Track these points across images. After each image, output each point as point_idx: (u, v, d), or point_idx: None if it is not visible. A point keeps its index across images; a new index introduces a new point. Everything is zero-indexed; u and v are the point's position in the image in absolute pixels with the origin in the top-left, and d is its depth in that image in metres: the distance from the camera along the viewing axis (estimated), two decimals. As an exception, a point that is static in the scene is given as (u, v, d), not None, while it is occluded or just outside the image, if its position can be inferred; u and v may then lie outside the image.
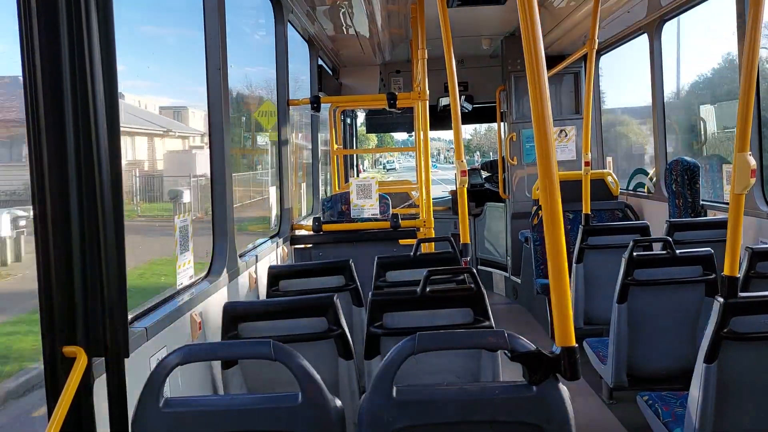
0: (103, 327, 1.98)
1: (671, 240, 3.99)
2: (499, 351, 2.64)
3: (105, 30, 1.97)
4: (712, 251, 3.98)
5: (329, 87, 8.15)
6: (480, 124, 45.15)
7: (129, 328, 2.09)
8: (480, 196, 9.73)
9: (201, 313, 3.04)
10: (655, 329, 4.09)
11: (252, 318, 2.91)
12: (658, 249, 4.19)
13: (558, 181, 1.84)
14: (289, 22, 5.44)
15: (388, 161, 66.51)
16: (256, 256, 4.20)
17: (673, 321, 4.07)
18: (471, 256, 4.56)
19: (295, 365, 1.93)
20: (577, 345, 1.85)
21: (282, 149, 5.45)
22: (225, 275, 3.47)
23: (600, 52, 7.78)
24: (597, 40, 5.13)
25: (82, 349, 1.94)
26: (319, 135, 7.83)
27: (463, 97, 9.09)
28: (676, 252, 3.94)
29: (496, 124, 8.75)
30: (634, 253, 3.99)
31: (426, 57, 4.88)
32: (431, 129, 5.63)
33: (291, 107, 5.51)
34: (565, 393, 1.88)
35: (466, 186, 4.15)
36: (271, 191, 5.41)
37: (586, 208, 5.41)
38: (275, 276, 3.74)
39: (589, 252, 5.20)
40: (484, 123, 16.67)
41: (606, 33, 6.99)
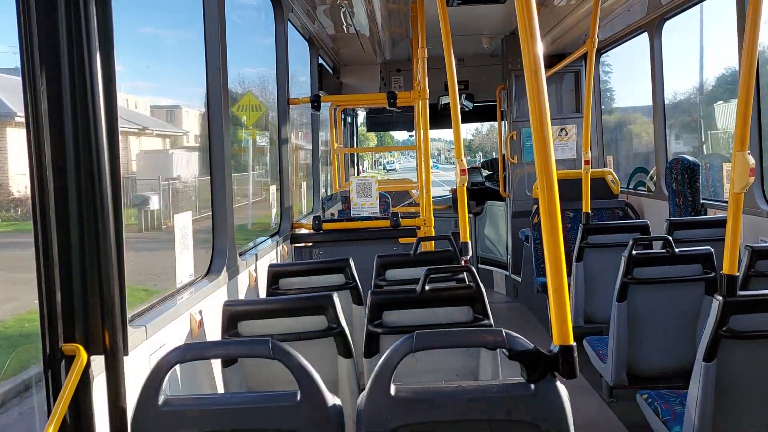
0: (102, 325, 1.98)
1: (671, 238, 4.00)
2: (498, 349, 2.64)
3: (104, 30, 1.97)
4: (712, 250, 3.98)
5: (329, 86, 8.16)
6: (482, 125, 45.30)
7: (128, 327, 2.10)
8: (481, 194, 9.73)
9: (201, 312, 3.04)
10: (654, 328, 4.10)
11: (252, 316, 2.91)
12: (658, 248, 4.19)
13: (556, 179, 1.84)
14: (289, 21, 5.45)
15: (388, 162, 65.68)
16: (256, 255, 4.21)
17: (672, 319, 4.08)
18: (471, 254, 4.56)
19: (293, 364, 1.94)
20: (575, 343, 1.85)
21: (282, 148, 5.46)
22: (225, 274, 3.48)
23: (600, 51, 7.77)
24: (597, 39, 5.13)
25: (81, 347, 1.95)
26: (320, 134, 7.83)
27: (463, 96, 9.09)
28: (676, 250, 3.94)
29: (497, 123, 8.76)
30: (634, 252, 3.99)
31: (426, 56, 4.88)
32: (431, 128, 5.63)
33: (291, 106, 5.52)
34: (563, 391, 1.88)
35: (467, 185, 4.15)
36: (271, 190, 5.42)
37: (586, 206, 5.41)
38: (275, 274, 3.74)
39: (589, 251, 5.20)
40: (485, 122, 16.67)
41: (606, 32, 6.99)
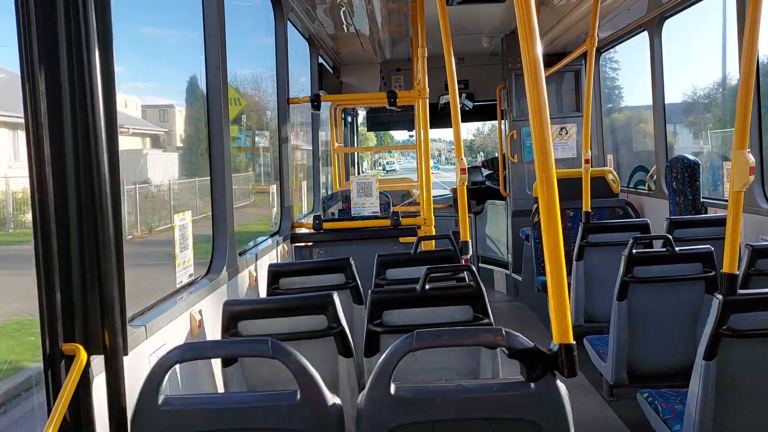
0: (102, 325, 1.99)
1: (671, 237, 3.99)
2: (498, 348, 2.64)
3: (103, 30, 1.97)
4: (712, 248, 3.98)
5: (330, 85, 8.15)
6: (483, 125, 45.24)
7: (128, 326, 2.10)
8: (481, 193, 9.73)
9: (201, 312, 3.04)
10: (655, 326, 4.10)
11: (252, 316, 2.91)
12: (658, 246, 4.19)
13: (555, 178, 1.84)
14: (289, 21, 5.45)
15: (388, 162, 64.93)
16: (257, 254, 4.21)
17: (672, 318, 4.07)
18: (472, 253, 4.56)
19: (293, 363, 1.94)
20: (575, 342, 1.85)
21: (282, 148, 5.46)
22: (225, 273, 3.48)
23: (600, 50, 7.77)
24: (597, 38, 5.13)
25: (81, 347, 1.95)
26: (320, 134, 7.83)
27: (463, 95, 9.09)
28: (676, 249, 3.94)
29: (497, 122, 8.75)
30: (634, 251, 3.99)
31: (426, 55, 4.88)
32: (432, 127, 5.62)
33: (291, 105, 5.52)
34: (563, 390, 1.88)
35: (467, 184, 4.15)
36: (272, 189, 5.42)
37: (587, 205, 5.41)
38: (275, 274, 3.74)
39: (589, 249, 5.19)
40: (485, 121, 16.63)
41: (606, 30, 6.98)
